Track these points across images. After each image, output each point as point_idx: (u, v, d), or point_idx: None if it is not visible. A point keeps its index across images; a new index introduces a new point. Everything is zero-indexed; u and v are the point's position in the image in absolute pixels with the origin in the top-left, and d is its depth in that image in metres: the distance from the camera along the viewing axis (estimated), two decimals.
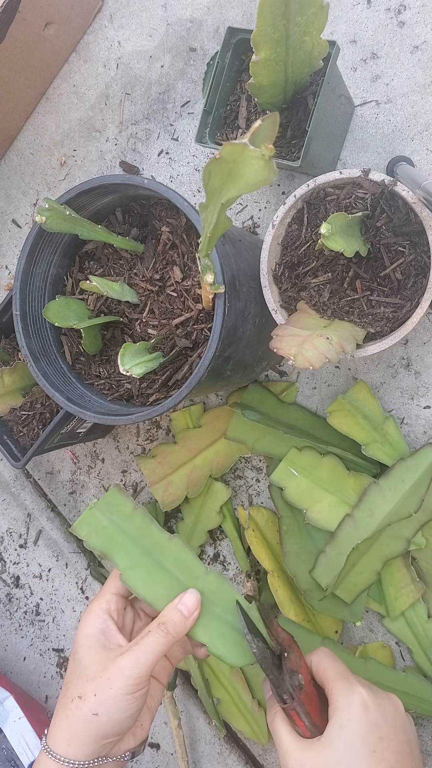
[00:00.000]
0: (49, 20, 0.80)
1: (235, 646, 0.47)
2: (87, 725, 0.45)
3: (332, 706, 0.46)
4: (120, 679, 0.44)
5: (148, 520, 0.49)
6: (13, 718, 0.81)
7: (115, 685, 0.44)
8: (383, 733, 0.45)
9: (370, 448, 0.68)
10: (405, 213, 0.58)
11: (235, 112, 0.66)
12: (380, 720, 0.46)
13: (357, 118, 0.72)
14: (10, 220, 0.92)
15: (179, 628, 0.45)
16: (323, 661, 0.49)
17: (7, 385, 0.69)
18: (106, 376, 0.65)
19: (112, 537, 0.48)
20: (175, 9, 0.82)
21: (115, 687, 0.44)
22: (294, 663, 0.49)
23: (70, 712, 0.45)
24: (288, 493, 0.69)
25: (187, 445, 0.77)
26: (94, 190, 0.58)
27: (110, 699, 0.44)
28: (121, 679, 0.44)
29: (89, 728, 0.45)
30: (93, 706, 0.44)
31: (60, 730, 0.46)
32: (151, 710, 0.49)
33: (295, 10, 0.51)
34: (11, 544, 0.92)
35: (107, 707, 0.44)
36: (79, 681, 0.46)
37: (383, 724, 0.46)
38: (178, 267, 0.61)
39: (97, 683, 0.45)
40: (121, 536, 0.48)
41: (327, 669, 0.48)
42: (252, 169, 0.40)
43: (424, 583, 0.67)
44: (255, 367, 0.68)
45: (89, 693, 0.45)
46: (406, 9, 0.71)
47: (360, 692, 0.46)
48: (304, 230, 0.62)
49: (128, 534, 0.48)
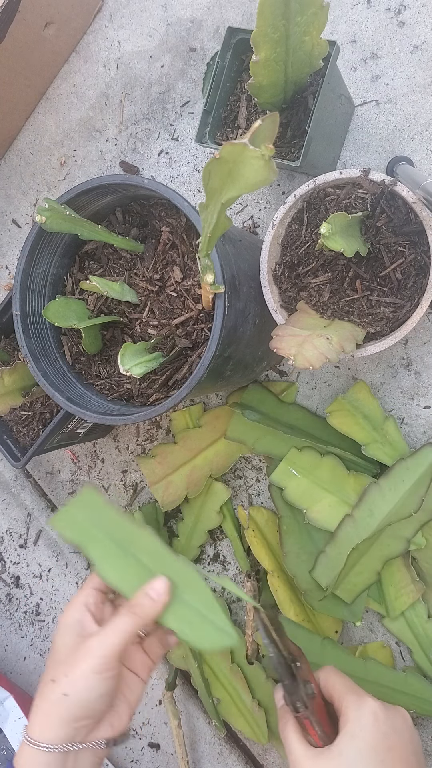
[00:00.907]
0: (49, 20, 0.80)
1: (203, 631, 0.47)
2: (58, 706, 0.45)
3: (343, 717, 0.48)
4: (88, 658, 0.45)
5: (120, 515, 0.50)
6: (13, 718, 0.81)
7: (83, 665, 0.45)
8: (392, 743, 0.47)
9: (370, 448, 0.68)
10: (405, 213, 0.58)
11: (235, 112, 0.66)
12: (390, 731, 0.47)
13: (357, 118, 0.72)
14: (10, 220, 0.92)
15: (147, 610, 0.45)
16: (331, 676, 0.51)
17: (7, 385, 0.69)
18: (106, 376, 0.65)
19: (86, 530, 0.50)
20: (175, 9, 0.82)
21: (83, 666, 0.45)
22: (304, 673, 0.50)
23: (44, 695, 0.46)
24: (288, 493, 0.69)
25: (187, 445, 0.77)
26: (94, 190, 0.58)
27: (79, 678, 0.45)
28: (89, 658, 0.45)
29: (60, 709, 0.45)
30: (63, 687, 0.45)
31: (35, 716, 0.46)
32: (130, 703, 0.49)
33: (295, 10, 0.51)
34: (11, 544, 0.92)
35: (76, 686, 0.45)
36: (53, 665, 0.47)
37: (392, 735, 0.47)
38: (178, 267, 0.61)
39: (68, 664, 0.46)
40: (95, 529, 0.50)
41: (336, 683, 0.50)
42: (252, 169, 0.40)
43: (424, 583, 0.67)
44: (255, 367, 0.68)
45: (60, 674, 0.45)
46: (406, 9, 0.71)
47: (370, 704, 0.48)
48: (304, 230, 0.62)
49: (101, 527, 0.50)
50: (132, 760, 0.84)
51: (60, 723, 0.45)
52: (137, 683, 0.50)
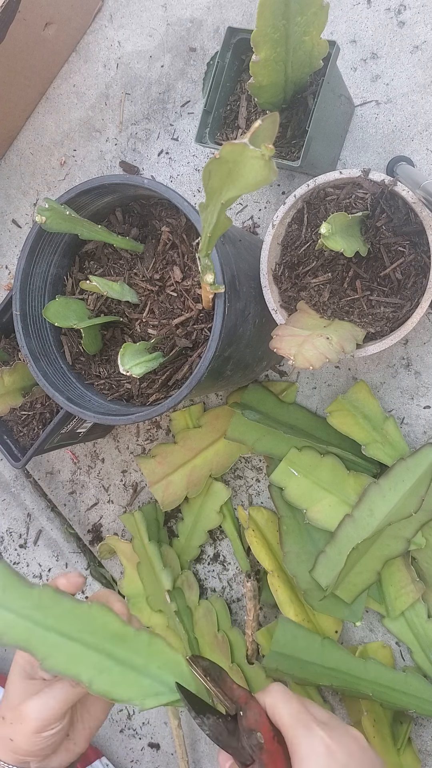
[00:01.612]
0: (49, 20, 0.80)
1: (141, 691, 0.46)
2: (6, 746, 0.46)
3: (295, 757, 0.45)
4: (28, 720, 0.45)
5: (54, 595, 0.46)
6: None
7: (24, 725, 0.45)
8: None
9: (370, 448, 0.68)
10: (405, 213, 0.58)
11: (235, 112, 0.66)
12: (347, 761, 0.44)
13: (357, 118, 0.72)
14: (10, 220, 0.92)
15: None
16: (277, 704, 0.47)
17: (7, 385, 0.69)
18: (106, 376, 0.65)
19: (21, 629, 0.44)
20: (175, 9, 0.82)
21: (24, 725, 0.45)
22: (252, 721, 0.46)
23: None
24: (288, 493, 0.69)
25: (187, 445, 0.77)
26: (94, 190, 0.58)
27: (20, 733, 0.45)
28: (29, 720, 0.45)
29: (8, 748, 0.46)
30: (9, 733, 0.46)
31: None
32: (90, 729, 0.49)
33: (295, 10, 0.51)
34: (11, 544, 0.92)
35: (18, 739, 0.46)
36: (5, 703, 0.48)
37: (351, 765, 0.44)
38: (178, 267, 0.61)
39: (13, 714, 0.46)
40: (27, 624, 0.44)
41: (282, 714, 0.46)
42: (252, 169, 0.40)
43: (424, 583, 0.67)
44: (255, 367, 0.68)
45: (8, 719, 0.46)
46: (406, 9, 0.71)
47: (319, 736, 0.44)
48: (304, 230, 0.62)
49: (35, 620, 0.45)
50: (132, 760, 0.84)
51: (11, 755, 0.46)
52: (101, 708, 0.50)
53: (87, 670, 0.45)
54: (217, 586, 0.80)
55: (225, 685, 0.48)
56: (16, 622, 0.44)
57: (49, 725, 0.45)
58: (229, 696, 0.48)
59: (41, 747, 0.46)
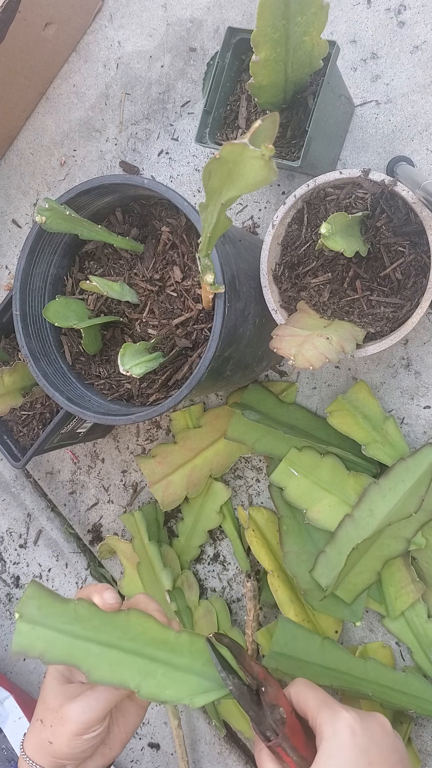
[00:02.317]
0: (49, 20, 0.80)
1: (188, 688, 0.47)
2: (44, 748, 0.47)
3: (319, 736, 0.45)
4: (69, 723, 0.46)
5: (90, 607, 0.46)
6: (13, 718, 0.81)
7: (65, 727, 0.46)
8: (373, 757, 0.45)
9: (370, 448, 0.68)
10: (405, 213, 0.58)
11: (235, 112, 0.66)
12: (369, 744, 0.45)
13: (357, 118, 0.72)
14: (10, 220, 0.92)
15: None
16: (302, 691, 0.48)
17: (7, 385, 0.69)
18: (106, 376, 0.65)
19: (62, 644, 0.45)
20: (175, 9, 0.82)
21: (65, 728, 0.46)
22: (273, 696, 0.48)
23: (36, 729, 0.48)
24: (288, 493, 0.69)
25: (187, 445, 0.77)
26: (94, 190, 0.58)
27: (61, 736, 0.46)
28: (71, 723, 0.45)
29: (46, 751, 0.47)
30: (49, 736, 0.46)
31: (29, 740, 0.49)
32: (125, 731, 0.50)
33: (295, 10, 0.51)
34: (11, 544, 0.92)
35: (58, 741, 0.46)
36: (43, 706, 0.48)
37: (372, 747, 0.45)
38: (178, 267, 0.61)
39: (54, 717, 0.46)
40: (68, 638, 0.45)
41: (308, 699, 0.47)
42: (252, 169, 0.40)
43: (424, 583, 0.67)
44: (255, 367, 0.68)
45: (48, 722, 0.47)
46: (406, 9, 0.71)
47: (345, 717, 0.45)
48: (304, 230, 0.62)
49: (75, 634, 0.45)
50: (132, 760, 0.84)
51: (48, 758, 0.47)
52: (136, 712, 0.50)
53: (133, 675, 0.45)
54: (217, 586, 0.80)
55: (245, 661, 0.49)
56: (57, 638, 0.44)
57: (91, 728, 0.46)
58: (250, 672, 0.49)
59: (81, 749, 0.46)
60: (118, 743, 0.49)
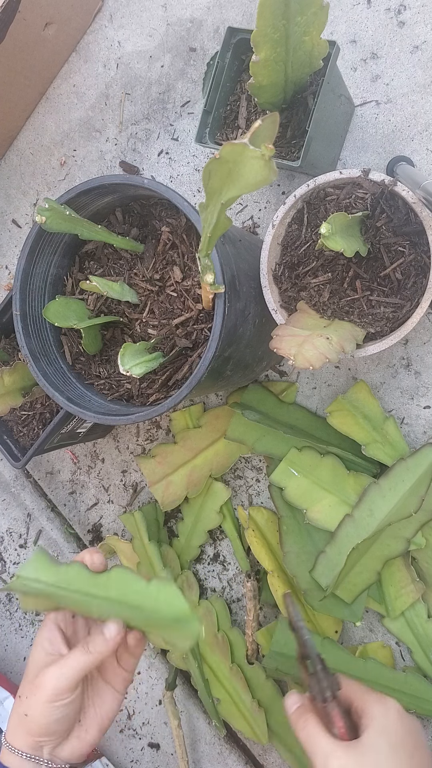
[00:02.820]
0: (49, 20, 0.80)
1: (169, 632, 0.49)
2: (21, 722, 0.49)
3: (368, 715, 0.49)
4: (42, 689, 0.47)
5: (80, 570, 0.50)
6: None
7: (39, 694, 0.47)
8: (417, 742, 0.49)
9: (370, 448, 0.68)
10: (405, 213, 0.58)
11: (235, 112, 0.66)
12: (414, 730, 0.49)
13: (357, 118, 0.72)
14: (10, 220, 0.92)
15: (100, 647, 0.48)
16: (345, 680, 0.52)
17: (7, 385, 0.69)
18: (106, 376, 0.65)
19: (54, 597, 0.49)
20: (175, 9, 0.82)
21: (39, 695, 0.47)
22: None
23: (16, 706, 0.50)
24: (288, 493, 0.69)
25: (187, 445, 0.77)
26: (94, 190, 0.58)
27: (35, 705, 0.48)
28: (43, 688, 0.47)
29: (23, 725, 0.49)
30: (25, 707, 0.48)
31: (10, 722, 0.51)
32: (101, 716, 0.51)
33: (295, 10, 0.51)
34: (11, 544, 0.92)
35: (33, 710, 0.48)
36: (24, 680, 0.50)
37: (417, 733, 0.49)
38: (178, 267, 0.61)
39: (30, 687, 0.48)
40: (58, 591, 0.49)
41: (353, 686, 0.51)
42: (252, 169, 0.40)
43: (424, 583, 0.67)
44: (255, 367, 0.68)
45: (25, 693, 0.49)
46: (406, 9, 0.71)
47: (393, 701, 0.49)
48: (304, 230, 0.62)
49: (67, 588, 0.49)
50: (132, 760, 0.84)
51: (24, 736, 0.49)
52: (112, 696, 0.52)
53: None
54: (217, 586, 0.80)
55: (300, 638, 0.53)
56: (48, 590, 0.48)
57: (63, 693, 0.47)
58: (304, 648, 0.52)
59: (55, 718, 0.47)
60: (95, 727, 0.50)
